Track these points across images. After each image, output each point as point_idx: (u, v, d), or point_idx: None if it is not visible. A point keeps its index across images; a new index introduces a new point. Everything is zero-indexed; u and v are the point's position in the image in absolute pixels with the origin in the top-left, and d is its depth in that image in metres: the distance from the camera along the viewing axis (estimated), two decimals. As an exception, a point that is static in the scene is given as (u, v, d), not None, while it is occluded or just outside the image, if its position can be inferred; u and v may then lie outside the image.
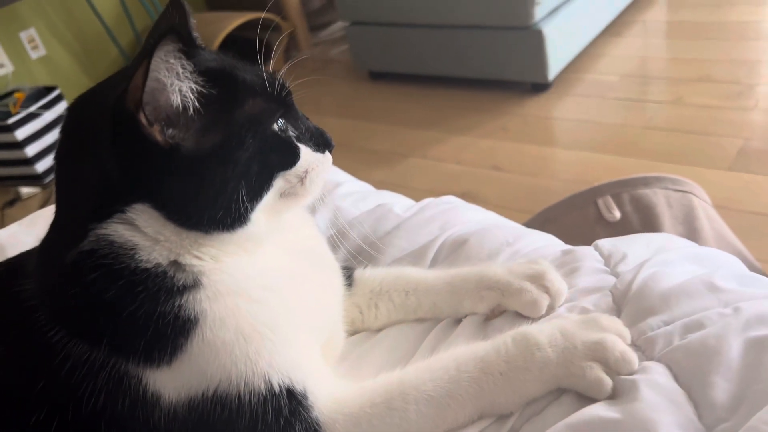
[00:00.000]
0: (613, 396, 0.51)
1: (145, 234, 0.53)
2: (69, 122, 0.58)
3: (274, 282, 0.59)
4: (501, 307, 0.66)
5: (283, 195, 0.59)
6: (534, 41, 2.53)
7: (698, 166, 2.08)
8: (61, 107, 3.08)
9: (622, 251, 0.67)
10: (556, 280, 0.65)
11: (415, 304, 0.69)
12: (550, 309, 0.63)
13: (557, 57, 2.61)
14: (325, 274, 0.67)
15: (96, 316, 0.53)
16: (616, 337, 0.55)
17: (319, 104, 3.29)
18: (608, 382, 0.52)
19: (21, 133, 2.84)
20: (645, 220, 1.17)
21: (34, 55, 3.16)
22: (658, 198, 1.20)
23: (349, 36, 3.10)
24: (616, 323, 0.57)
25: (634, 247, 0.67)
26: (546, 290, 0.63)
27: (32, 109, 2.88)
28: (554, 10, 2.58)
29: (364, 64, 3.16)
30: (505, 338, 0.57)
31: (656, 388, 0.48)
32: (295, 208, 0.62)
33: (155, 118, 0.51)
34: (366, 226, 0.82)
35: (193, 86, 0.53)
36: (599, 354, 0.54)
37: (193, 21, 0.64)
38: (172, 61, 0.51)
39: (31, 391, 0.53)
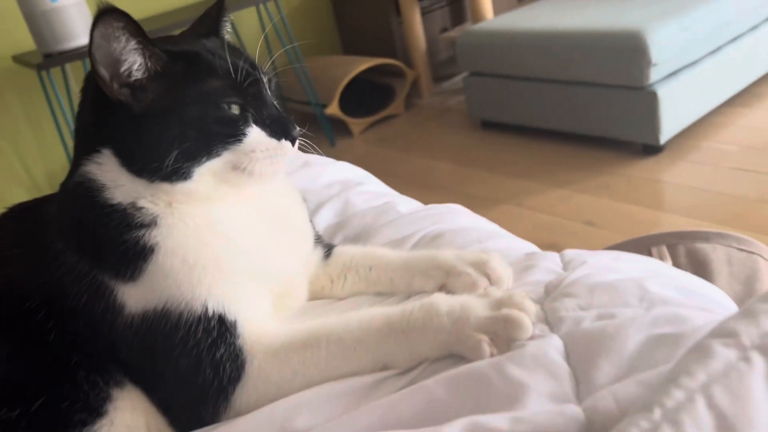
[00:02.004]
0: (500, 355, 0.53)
1: (107, 175, 0.66)
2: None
3: (225, 229, 0.68)
4: (447, 287, 0.70)
5: (236, 168, 0.68)
6: (647, 103, 2.48)
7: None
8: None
9: (584, 259, 0.69)
10: (499, 267, 0.69)
11: (375, 277, 0.76)
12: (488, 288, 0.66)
13: (672, 121, 2.53)
14: (288, 236, 0.75)
15: (81, 235, 0.66)
16: (511, 311, 0.57)
17: (431, 149, 3.40)
18: (484, 351, 0.56)
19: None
20: (698, 275, 1.12)
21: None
22: (717, 254, 1.15)
23: (466, 85, 3.20)
24: (522, 298, 0.59)
25: (604, 259, 0.68)
26: (487, 276, 0.66)
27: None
28: (673, 74, 2.52)
29: (478, 113, 3.25)
30: (415, 303, 0.63)
31: (540, 358, 0.50)
32: (250, 183, 0.69)
33: (110, 77, 0.63)
34: (368, 219, 0.88)
35: (141, 60, 0.64)
36: (488, 327, 0.58)
37: (226, 18, 0.76)
38: (113, 34, 0.62)
39: (33, 284, 0.65)
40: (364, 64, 3.57)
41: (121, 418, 0.62)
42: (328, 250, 0.80)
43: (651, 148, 2.61)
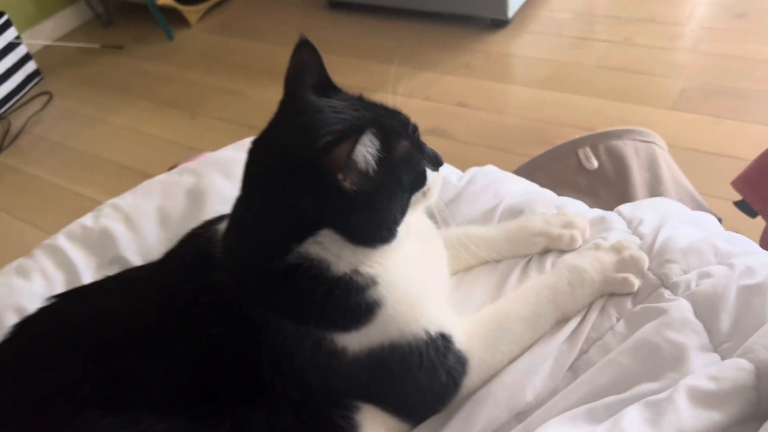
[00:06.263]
0: (655, 321, 0.71)
1: (331, 252, 0.69)
2: (257, 165, 0.73)
3: (417, 263, 0.76)
4: (548, 246, 0.89)
5: (411, 206, 0.74)
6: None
7: (645, 106, 2.30)
8: (9, 34, 2.99)
9: (638, 216, 0.89)
10: (580, 222, 0.89)
11: (484, 254, 0.90)
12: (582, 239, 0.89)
13: (517, -7, 2.73)
14: (434, 244, 0.84)
15: (307, 305, 0.69)
16: (632, 253, 0.80)
17: (276, 34, 3.29)
18: (633, 280, 0.78)
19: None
20: (617, 169, 1.37)
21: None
22: (628, 149, 1.40)
23: (310, -36, 3.10)
24: (633, 248, 0.81)
25: (644, 213, 0.89)
26: (574, 229, 0.88)
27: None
28: (515, -52, 2.68)
29: (325, -7, 3.18)
30: (561, 270, 0.80)
31: (685, 321, 0.70)
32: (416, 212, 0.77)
33: (350, 180, 0.66)
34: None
35: (376, 153, 0.67)
36: (623, 266, 0.79)
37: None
38: (369, 143, 0.65)
39: (259, 357, 0.68)
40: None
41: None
42: None
43: (498, 22, 2.81)
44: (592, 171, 1.38)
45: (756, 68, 2.33)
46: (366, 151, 0.65)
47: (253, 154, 0.74)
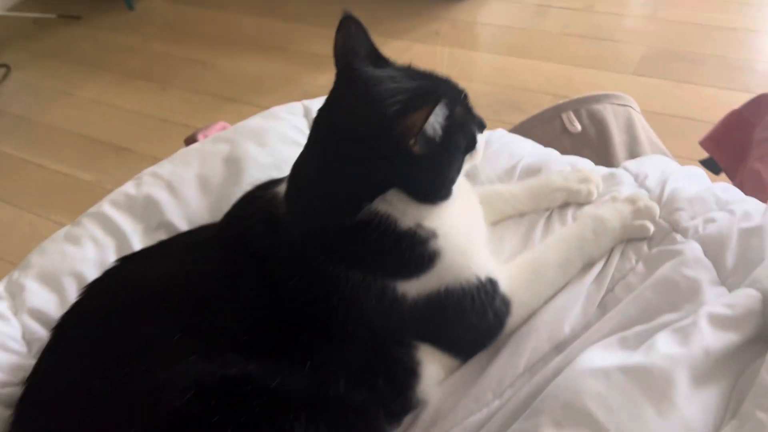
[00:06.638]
0: (673, 260, 0.80)
1: (397, 209, 0.76)
2: (327, 133, 0.79)
3: (466, 217, 0.85)
4: (566, 201, 0.98)
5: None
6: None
7: (608, 71, 2.42)
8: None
9: (644, 171, 0.99)
10: (595, 178, 0.99)
11: (511, 209, 0.99)
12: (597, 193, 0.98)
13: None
14: (473, 200, 0.92)
15: (376, 257, 0.76)
16: (645, 203, 0.89)
17: (239, 2, 3.27)
18: (649, 225, 0.87)
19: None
20: (599, 132, 1.47)
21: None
22: (608, 112, 1.50)
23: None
24: (646, 198, 0.90)
25: (647, 168, 1.00)
26: (590, 184, 0.97)
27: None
28: None
29: (290, -38, 3.17)
30: (585, 220, 0.90)
31: (697, 259, 0.80)
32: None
33: (417, 141, 0.72)
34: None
35: (442, 120, 0.74)
36: (638, 215, 0.88)
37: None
38: (439, 113, 0.73)
39: (329, 303, 0.75)
40: None
41: (428, 371, 0.79)
42: None
43: (464, -10, 2.88)
44: (576, 134, 1.47)
45: (710, 34, 2.48)
46: (436, 119, 0.72)
47: (321, 122, 0.79)
